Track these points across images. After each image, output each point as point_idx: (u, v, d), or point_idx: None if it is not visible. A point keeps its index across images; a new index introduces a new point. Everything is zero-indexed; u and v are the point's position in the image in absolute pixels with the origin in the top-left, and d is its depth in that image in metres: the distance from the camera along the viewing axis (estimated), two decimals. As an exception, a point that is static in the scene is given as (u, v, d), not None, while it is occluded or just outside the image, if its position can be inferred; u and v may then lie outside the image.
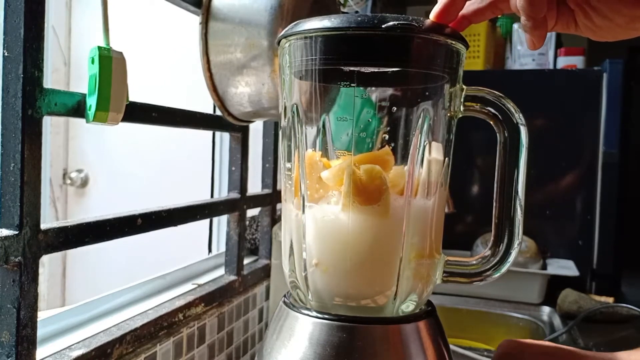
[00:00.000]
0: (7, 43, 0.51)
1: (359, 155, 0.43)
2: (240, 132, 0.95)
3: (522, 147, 0.44)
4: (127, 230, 0.66)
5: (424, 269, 0.44)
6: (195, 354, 0.83)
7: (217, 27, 0.75)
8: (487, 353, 0.98)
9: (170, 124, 0.76)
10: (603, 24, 0.43)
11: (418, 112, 0.43)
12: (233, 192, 0.96)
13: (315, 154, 0.44)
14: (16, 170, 0.51)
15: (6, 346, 0.52)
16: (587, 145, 1.50)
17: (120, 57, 0.59)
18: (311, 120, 0.44)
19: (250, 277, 1.02)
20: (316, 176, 0.43)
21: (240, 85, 0.76)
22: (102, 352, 0.63)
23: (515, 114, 0.43)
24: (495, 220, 0.45)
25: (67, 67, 1.84)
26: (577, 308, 1.18)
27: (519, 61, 1.71)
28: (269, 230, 1.12)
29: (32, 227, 0.53)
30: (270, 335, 0.45)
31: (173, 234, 0.82)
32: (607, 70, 1.47)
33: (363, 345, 0.41)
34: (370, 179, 0.42)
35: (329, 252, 0.43)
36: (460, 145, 0.51)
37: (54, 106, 0.55)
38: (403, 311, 0.44)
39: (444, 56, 0.43)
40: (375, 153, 0.44)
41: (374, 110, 0.45)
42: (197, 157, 1.40)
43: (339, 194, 0.43)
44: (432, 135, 0.43)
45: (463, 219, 1.56)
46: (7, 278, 0.52)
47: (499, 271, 0.45)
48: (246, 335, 1.02)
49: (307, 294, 0.44)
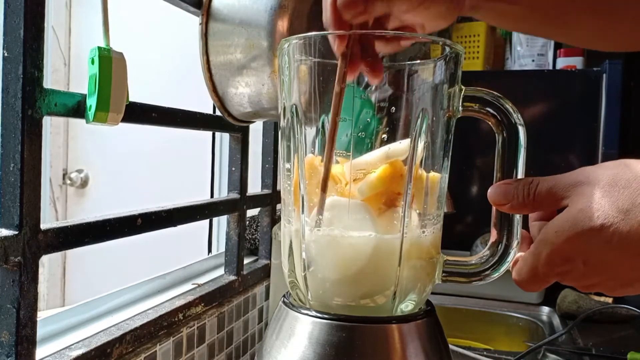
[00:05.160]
0: (7, 43, 0.51)
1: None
2: (240, 133, 0.95)
3: (521, 147, 0.44)
4: (127, 230, 0.66)
5: (423, 268, 0.44)
6: (195, 353, 0.83)
7: (217, 27, 0.75)
8: (486, 353, 0.98)
9: (170, 124, 0.77)
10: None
11: (417, 112, 0.43)
12: (233, 192, 0.96)
13: (315, 159, 0.45)
14: (16, 170, 0.51)
15: (6, 346, 0.52)
16: (586, 145, 1.50)
17: (120, 57, 0.59)
18: (310, 121, 0.44)
19: (250, 277, 1.02)
20: (316, 181, 0.43)
21: (240, 86, 0.76)
22: (102, 351, 0.63)
23: (514, 114, 0.43)
24: (494, 220, 0.45)
25: (67, 67, 1.85)
26: (576, 308, 1.18)
27: (519, 62, 1.71)
28: (268, 231, 1.12)
29: (31, 227, 0.53)
30: (270, 335, 0.45)
31: (173, 234, 0.82)
32: (606, 71, 1.47)
33: (362, 345, 0.41)
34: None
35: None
36: (459, 145, 0.51)
37: (54, 106, 0.55)
38: (402, 311, 0.44)
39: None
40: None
41: (373, 110, 0.45)
42: (197, 157, 1.40)
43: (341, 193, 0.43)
44: (431, 136, 0.43)
45: (463, 219, 1.56)
46: (6, 278, 0.52)
47: (498, 271, 0.45)
48: (246, 335, 1.02)
49: (306, 293, 0.44)
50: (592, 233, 0.37)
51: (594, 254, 0.38)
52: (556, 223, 0.39)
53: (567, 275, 0.40)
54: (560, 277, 0.41)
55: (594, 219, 0.37)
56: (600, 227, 0.37)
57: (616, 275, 0.40)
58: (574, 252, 0.39)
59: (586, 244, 0.38)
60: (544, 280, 0.41)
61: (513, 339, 1.25)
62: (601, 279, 0.40)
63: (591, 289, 0.42)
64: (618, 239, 0.37)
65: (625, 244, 0.37)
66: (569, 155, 1.51)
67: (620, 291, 0.41)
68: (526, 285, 0.42)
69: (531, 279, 0.41)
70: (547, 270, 0.40)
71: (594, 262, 0.39)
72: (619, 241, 0.37)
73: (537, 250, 0.40)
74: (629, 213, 0.36)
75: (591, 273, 0.40)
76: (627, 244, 0.37)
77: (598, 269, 0.39)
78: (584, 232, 0.38)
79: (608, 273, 0.39)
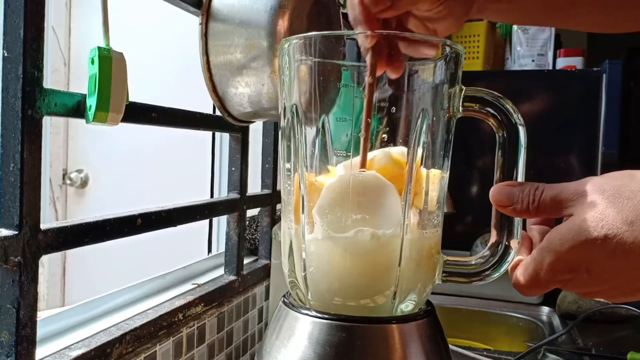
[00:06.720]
0: (7, 43, 0.51)
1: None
2: (240, 133, 0.95)
3: (521, 147, 0.44)
4: (127, 230, 0.66)
5: (424, 268, 0.44)
6: (195, 353, 0.83)
7: (217, 27, 0.75)
8: (486, 353, 0.98)
9: (170, 124, 0.77)
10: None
11: (417, 112, 0.43)
12: (233, 192, 0.96)
13: (309, 176, 0.44)
14: (16, 170, 0.51)
15: (6, 346, 0.52)
16: (586, 145, 1.50)
17: (120, 57, 0.59)
18: (310, 121, 0.44)
19: (250, 277, 1.02)
20: (316, 197, 0.43)
21: (240, 86, 0.76)
22: (102, 351, 0.63)
23: (514, 114, 0.43)
24: (494, 220, 0.45)
25: (67, 67, 1.85)
26: (576, 308, 1.18)
27: (519, 62, 1.71)
28: (268, 231, 1.12)
29: (31, 227, 0.53)
30: (269, 335, 0.45)
31: (173, 234, 0.82)
32: (606, 71, 1.47)
33: (362, 345, 0.41)
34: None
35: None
36: (459, 145, 0.51)
37: (54, 106, 0.55)
38: (402, 311, 0.44)
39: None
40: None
41: (374, 110, 0.45)
42: (197, 157, 1.40)
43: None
44: (431, 136, 0.43)
45: (463, 219, 1.56)
46: (6, 278, 0.52)
47: (498, 271, 0.45)
48: (246, 335, 1.02)
49: (306, 293, 0.44)
50: (596, 243, 0.37)
51: (597, 264, 0.38)
52: (560, 231, 0.39)
53: (569, 283, 0.40)
54: (562, 284, 0.41)
55: (598, 229, 0.37)
56: (604, 237, 0.37)
57: (619, 285, 0.39)
58: (578, 261, 0.39)
59: (590, 253, 0.38)
60: (545, 286, 0.41)
61: (513, 339, 1.25)
62: (603, 288, 0.40)
63: (592, 295, 0.42)
64: (622, 249, 0.37)
65: (629, 255, 0.37)
66: (569, 155, 1.51)
67: (622, 299, 0.41)
68: (526, 290, 0.42)
69: (532, 285, 0.41)
70: (550, 278, 0.40)
71: (597, 272, 0.39)
72: (622, 252, 0.37)
73: (540, 257, 0.40)
74: (634, 224, 0.36)
75: (594, 282, 0.40)
76: (630, 254, 0.37)
77: (601, 278, 0.39)
78: (588, 242, 0.37)
79: (611, 283, 0.39)
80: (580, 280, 0.40)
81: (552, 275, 0.40)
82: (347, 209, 0.42)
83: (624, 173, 0.39)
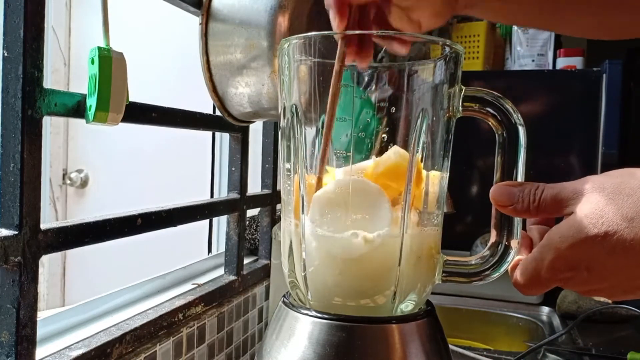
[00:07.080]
0: (7, 43, 0.51)
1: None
2: (240, 133, 0.95)
3: (521, 147, 0.44)
4: (127, 230, 0.66)
5: (424, 268, 0.44)
6: (195, 353, 0.83)
7: (217, 27, 0.75)
8: (486, 353, 0.98)
9: (170, 124, 0.77)
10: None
11: (417, 112, 0.43)
12: (233, 192, 0.96)
13: (310, 177, 0.44)
14: (16, 170, 0.51)
15: (6, 346, 0.52)
16: (586, 146, 1.50)
17: (120, 57, 0.59)
18: (310, 121, 0.44)
19: (250, 277, 1.02)
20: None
21: (240, 86, 0.76)
22: (102, 351, 0.63)
23: (514, 114, 0.43)
24: (494, 220, 0.45)
25: (67, 67, 1.85)
26: (576, 308, 1.18)
27: (519, 62, 1.71)
28: (268, 231, 1.12)
29: (31, 227, 0.53)
30: (269, 335, 0.45)
31: (173, 234, 0.82)
32: (606, 71, 1.47)
33: (362, 345, 0.41)
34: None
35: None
36: (459, 145, 0.51)
37: (54, 106, 0.55)
38: (402, 311, 0.44)
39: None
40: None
41: (373, 110, 0.45)
42: (197, 157, 1.40)
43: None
44: (431, 136, 0.43)
45: (463, 219, 1.56)
46: (6, 278, 0.52)
47: (498, 271, 0.45)
48: (246, 335, 1.02)
49: (306, 293, 0.44)
50: (596, 240, 0.37)
51: (597, 261, 0.38)
52: (560, 229, 0.39)
53: (569, 281, 0.40)
54: (563, 282, 0.41)
55: (598, 226, 0.37)
56: (604, 234, 0.37)
57: (619, 282, 0.39)
58: (578, 259, 0.39)
59: (590, 250, 0.38)
60: (546, 285, 0.41)
61: (513, 339, 1.25)
62: (604, 285, 0.40)
63: (593, 294, 0.42)
64: (622, 246, 0.37)
65: (629, 252, 0.37)
66: (568, 155, 1.51)
67: (623, 297, 0.41)
68: (527, 289, 0.42)
69: (533, 283, 0.41)
70: (550, 276, 0.40)
71: (598, 269, 0.39)
72: (622, 249, 0.37)
73: (540, 256, 0.40)
74: (633, 221, 0.36)
75: (594, 280, 0.39)
76: (630, 251, 0.37)
77: (601, 276, 0.39)
78: (588, 239, 0.37)
79: (611, 280, 0.39)
80: (580, 278, 0.40)
81: (552, 273, 0.40)
82: (341, 212, 0.42)
83: (623, 171, 0.39)
